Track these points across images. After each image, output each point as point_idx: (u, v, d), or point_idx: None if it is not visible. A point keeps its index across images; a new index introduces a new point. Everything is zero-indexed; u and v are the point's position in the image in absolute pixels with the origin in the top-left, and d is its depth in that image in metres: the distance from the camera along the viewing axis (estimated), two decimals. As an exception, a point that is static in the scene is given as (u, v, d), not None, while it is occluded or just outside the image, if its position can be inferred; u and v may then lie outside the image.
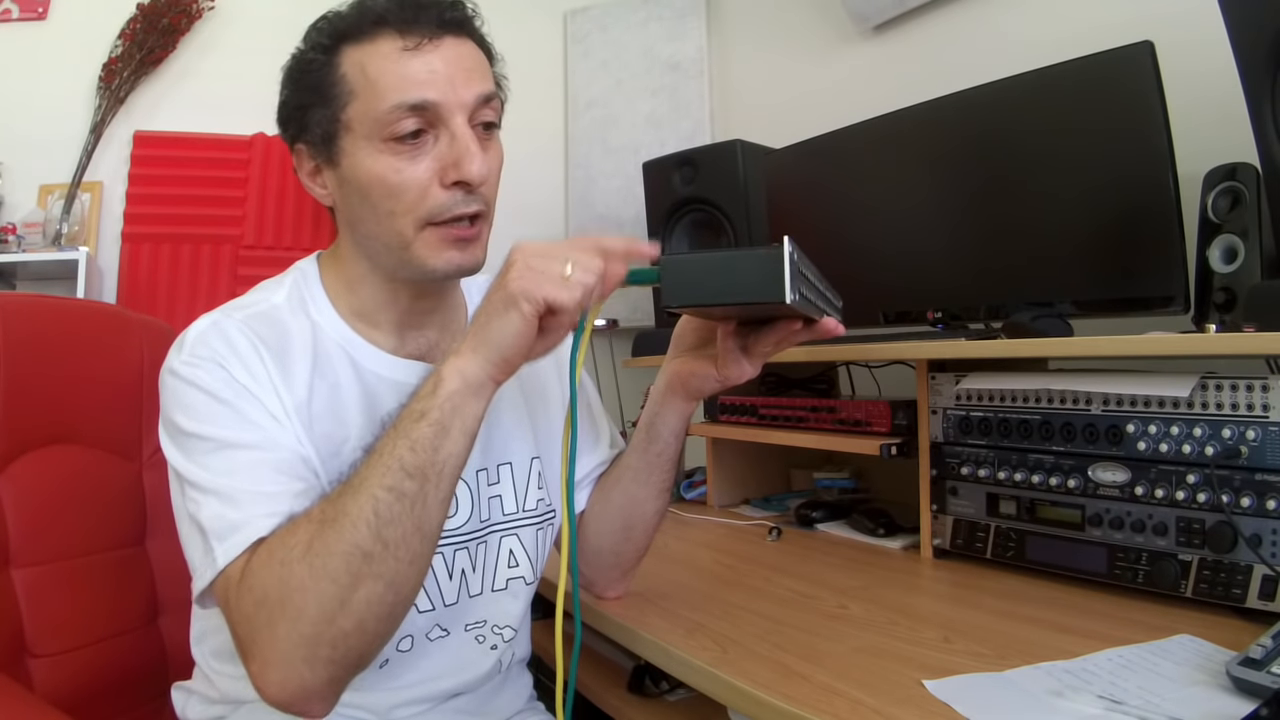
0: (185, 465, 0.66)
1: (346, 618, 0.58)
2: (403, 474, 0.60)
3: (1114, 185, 1.05)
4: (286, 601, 0.58)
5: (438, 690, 0.79)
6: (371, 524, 0.59)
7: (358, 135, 0.71)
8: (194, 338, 0.70)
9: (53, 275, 1.90)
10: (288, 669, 0.58)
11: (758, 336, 0.75)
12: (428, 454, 0.61)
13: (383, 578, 0.59)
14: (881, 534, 1.23)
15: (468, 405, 0.62)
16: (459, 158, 0.70)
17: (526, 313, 0.61)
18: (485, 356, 0.62)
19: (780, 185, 1.57)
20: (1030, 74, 1.13)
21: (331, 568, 0.58)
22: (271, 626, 0.58)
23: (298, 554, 0.59)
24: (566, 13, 2.42)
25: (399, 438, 0.61)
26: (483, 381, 0.63)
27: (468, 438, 0.63)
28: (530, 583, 0.86)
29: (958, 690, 0.65)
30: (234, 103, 2.10)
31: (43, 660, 0.87)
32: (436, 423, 0.61)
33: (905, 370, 1.34)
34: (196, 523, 0.65)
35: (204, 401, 0.67)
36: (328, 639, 0.58)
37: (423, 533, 0.61)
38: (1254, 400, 0.81)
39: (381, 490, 0.59)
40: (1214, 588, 0.82)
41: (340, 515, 0.59)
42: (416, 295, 0.79)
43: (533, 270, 0.61)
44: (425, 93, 0.69)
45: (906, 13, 1.71)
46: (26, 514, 0.89)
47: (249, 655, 0.60)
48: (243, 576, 0.61)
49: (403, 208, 0.71)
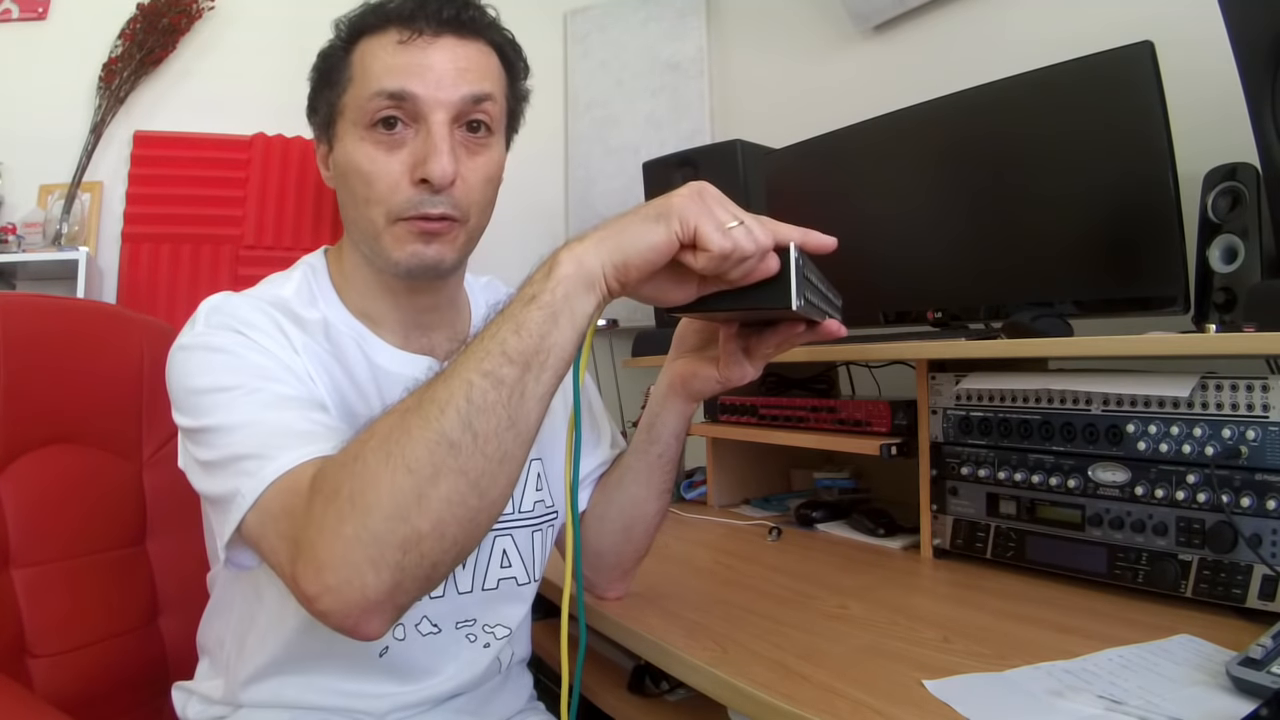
0: (206, 418, 0.64)
1: (423, 516, 0.52)
2: (504, 358, 0.54)
3: (1114, 185, 1.05)
4: (357, 495, 0.52)
5: (437, 691, 0.79)
6: (462, 411, 0.53)
7: (347, 120, 0.73)
8: (206, 311, 0.70)
9: (53, 275, 1.90)
10: (348, 570, 0.52)
11: (760, 338, 0.75)
12: (534, 340, 0.55)
13: (467, 474, 0.53)
14: (881, 534, 1.23)
15: (579, 296, 0.57)
16: (427, 156, 0.70)
17: (674, 229, 0.57)
18: (608, 250, 0.57)
19: (780, 185, 1.57)
20: (1031, 74, 1.13)
21: (411, 456, 0.52)
22: (339, 526, 0.52)
23: (375, 444, 0.53)
24: (566, 13, 2.42)
25: (505, 322, 0.55)
26: (597, 276, 0.57)
27: (576, 333, 0.57)
28: (524, 584, 0.86)
29: (958, 690, 0.65)
30: (234, 103, 2.11)
31: (43, 660, 0.87)
32: (547, 306, 0.56)
33: (905, 370, 1.34)
34: (227, 459, 0.61)
35: (220, 359, 0.66)
36: (399, 539, 0.52)
37: (517, 429, 0.55)
38: (1254, 400, 0.81)
39: (478, 375, 0.53)
40: (1214, 588, 0.82)
41: (427, 401, 0.54)
42: (408, 291, 0.78)
43: (701, 202, 0.58)
44: (404, 83, 0.69)
45: (906, 13, 1.71)
46: (26, 514, 0.89)
47: (304, 558, 0.53)
48: (313, 479, 0.56)
49: (375, 197, 0.71)
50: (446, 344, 0.82)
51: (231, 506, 0.60)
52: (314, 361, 0.72)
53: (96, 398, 0.99)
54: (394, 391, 0.75)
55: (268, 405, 0.64)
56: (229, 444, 0.62)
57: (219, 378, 0.65)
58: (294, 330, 0.72)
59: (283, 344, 0.70)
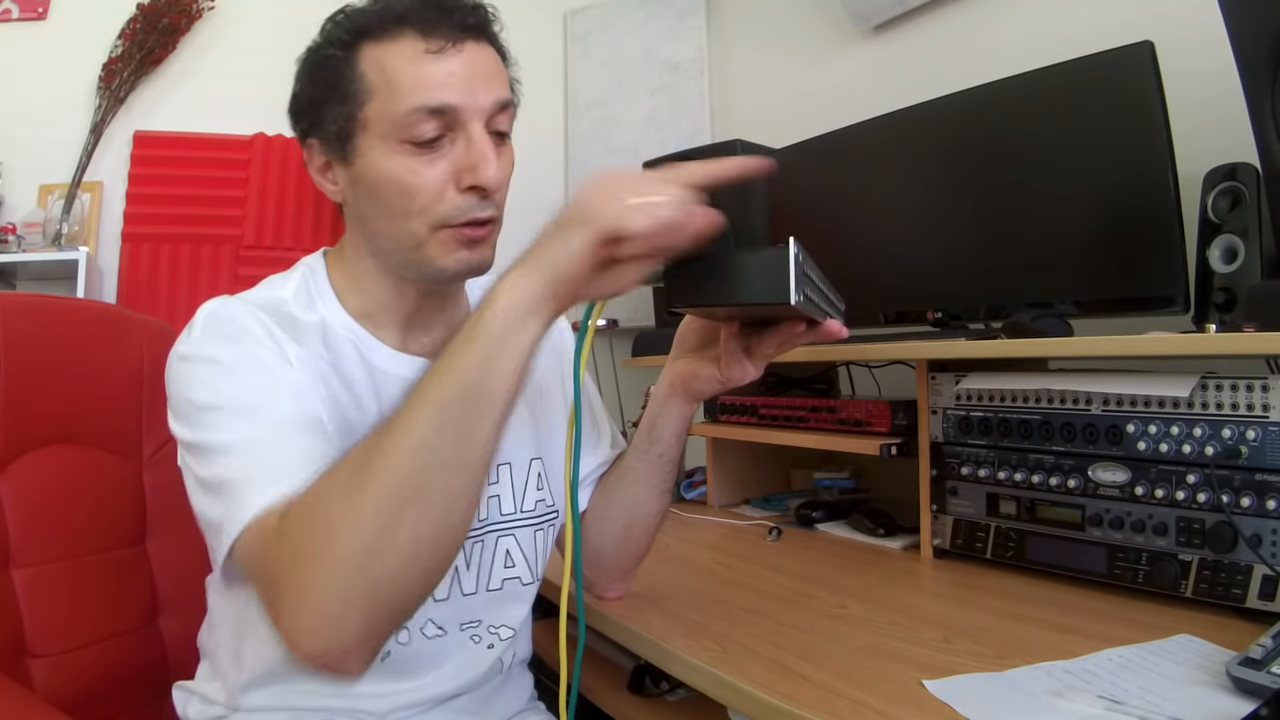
0: (203, 435, 0.65)
1: (390, 553, 0.54)
2: (452, 395, 0.56)
3: (1114, 185, 1.05)
4: (324, 540, 0.54)
5: (438, 691, 0.79)
6: (417, 450, 0.55)
7: (374, 134, 0.70)
8: (203, 319, 0.70)
9: (53, 275, 1.90)
10: (323, 612, 0.54)
11: (761, 338, 0.75)
12: (477, 373, 0.56)
13: (429, 513, 0.55)
14: (881, 534, 1.23)
15: (521, 324, 0.58)
16: (476, 163, 0.70)
17: (590, 235, 0.57)
18: (542, 276, 0.58)
19: (780, 185, 1.57)
20: (1030, 74, 1.13)
21: (373, 498, 0.54)
22: (311, 567, 0.54)
23: (336, 492, 0.56)
24: (566, 13, 2.42)
25: (450, 361, 0.57)
26: (537, 301, 0.58)
27: (521, 358, 0.58)
28: (528, 584, 0.86)
29: (958, 690, 0.65)
30: (234, 103, 2.10)
31: (43, 660, 0.87)
32: (492, 338, 0.57)
33: (905, 370, 1.34)
34: (217, 483, 0.63)
35: (217, 373, 0.67)
36: (370, 580, 0.54)
37: (472, 462, 0.57)
38: (1254, 400, 0.82)
39: (429, 413, 0.55)
40: (1214, 588, 0.82)
41: (382, 443, 0.55)
42: (423, 294, 0.78)
43: (604, 192, 0.58)
44: (445, 96, 0.68)
45: (906, 13, 1.71)
46: (26, 514, 0.89)
47: (280, 604, 0.56)
48: (278, 528, 0.58)
49: (417, 208, 0.70)
50: (443, 341, 0.82)
51: (219, 536, 0.63)
52: (309, 372, 0.72)
53: (96, 398, 0.99)
54: (392, 393, 0.75)
55: (258, 430, 0.64)
56: (218, 468, 0.63)
57: (214, 395, 0.66)
58: (289, 342, 0.71)
59: (278, 356, 0.70)
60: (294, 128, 0.77)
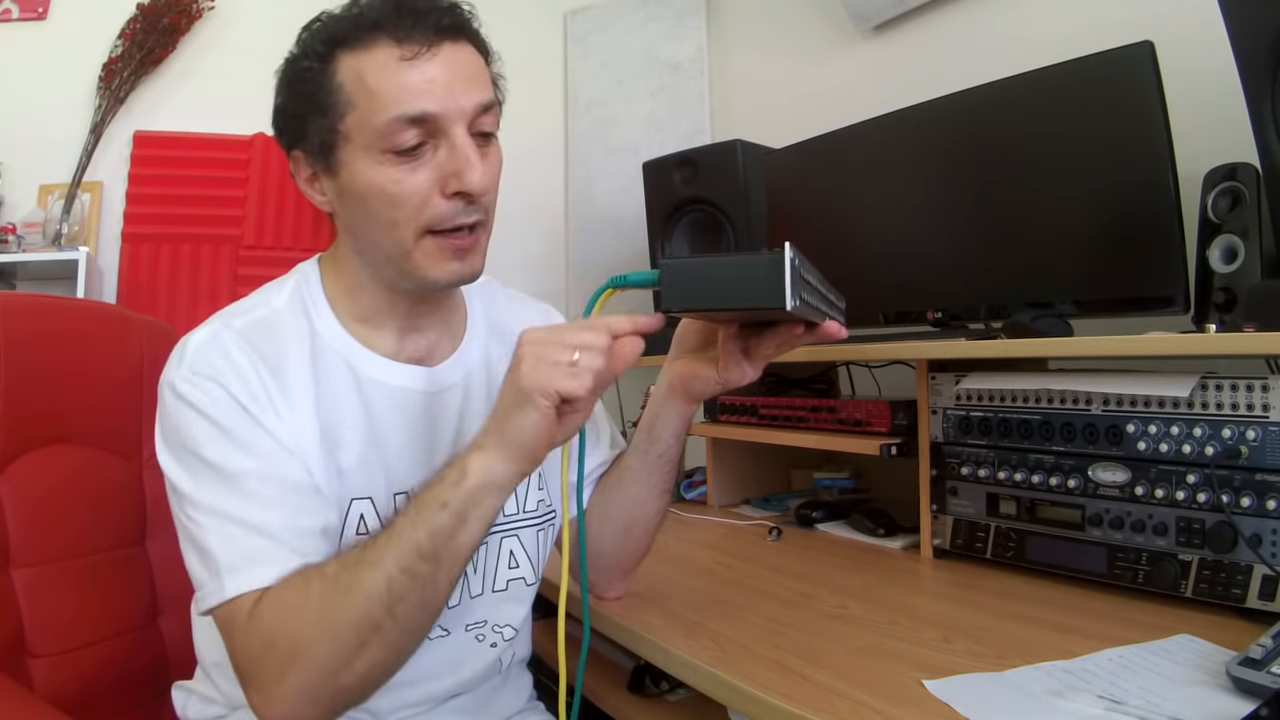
0: (188, 485, 0.68)
1: (349, 674, 0.62)
2: (418, 557, 0.62)
3: (1114, 185, 1.05)
4: (296, 654, 0.62)
5: (437, 690, 0.79)
6: (384, 599, 0.62)
7: (356, 146, 0.69)
8: (193, 351, 0.70)
9: (53, 275, 1.90)
10: (290, 704, 0.62)
11: (759, 339, 0.75)
12: (443, 540, 0.63)
13: (386, 646, 0.63)
14: (881, 534, 1.23)
15: (489, 499, 0.65)
16: (460, 168, 0.69)
17: (543, 407, 0.62)
18: (509, 454, 0.64)
19: (780, 185, 1.57)
20: (1030, 74, 1.13)
21: (341, 633, 0.62)
22: (280, 672, 0.62)
23: (311, 614, 0.62)
24: (566, 13, 2.42)
25: (419, 522, 0.63)
26: (509, 478, 0.65)
27: (484, 527, 0.65)
28: (531, 584, 0.86)
29: (958, 690, 0.65)
30: (234, 103, 2.10)
31: (43, 660, 0.87)
32: (456, 514, 0.63)
33: (905, 370, 1.34)
34: (200, 545, 0.67)
35: (205, 426, 0.68)
36: (330, 690, 0.63)
37: (429, 609, 0.65)
38: (1254, 400, 0.81)
39: (396, 570, 0.62)
40: (1214, 588, 0.82)
41: (355, 585, 0.62)
42: (416, 300, 0.78)
43: (542, 362, 0.63)
44: (424, 104, 0.68)
45: (906, 13, 1.71)
46: (26, 514, 0.89)
47: (252, 687, 0.63)
48: (250, 617, 0.63)
49: (403, 217, 0.70)
50: (439, 343, 0.82)
51: (199, 592, 0.67)
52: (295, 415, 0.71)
53: (96, 398, 0.99)
54: (382, 406, 0.76)
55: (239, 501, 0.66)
56: (203, 529, 0.67)
57: (201, 448, 0.67)
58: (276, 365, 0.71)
59: (266, 407, 0.69)
60: (278, 140, 0.77)
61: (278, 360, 0.72)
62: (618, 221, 2.27)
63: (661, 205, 1.83)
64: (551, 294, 2.30)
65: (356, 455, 0.74)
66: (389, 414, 0.77)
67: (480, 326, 0.87)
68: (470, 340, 0.85)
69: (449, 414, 0.81)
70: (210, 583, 0.65)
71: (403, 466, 0.77)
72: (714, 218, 1.74)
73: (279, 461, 0.68)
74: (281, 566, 0.65)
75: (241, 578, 0.64)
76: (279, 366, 0.72)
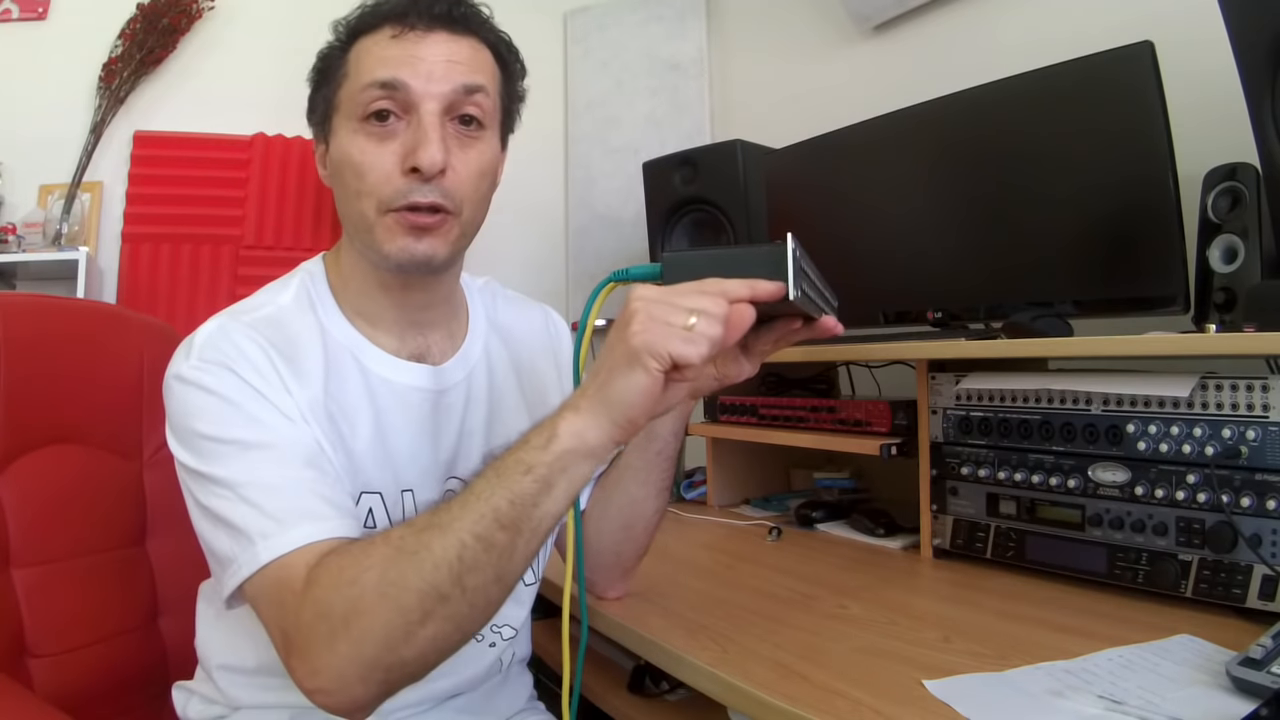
0: (205, 466, 0.66)
1: (409, 649, 0.57)
2: (495, 524, 0.57)
3: (1114, 185, 1.05)
4: (351, 623, 0.57)
5: (437, 689, 0.79)
6: (454, 568, 0.57)
7: (342, 115, 0.74)
8: (201, 342, 0.70)
9: (53, 275, 1.90)
10: (341, 683, 0.57)
11: (757, 335, 0.75)
12: (525, 509, 0.58)
13: (452, 619, 0.58)
14: (881, 534, 1.23)
15: (579, 467, 0.59)
16: (417, 144, 0.70)
17: (653, 370, 0.56)
18: (609, 418, 0.58)
19: (780, 185, 1.57)
20: (1030, 74, 1.13)
21: (404, 601, 0.56)
22: (332, 642, 0.57)
23: (371, 579, 0.57)
24: (566, 13, 2.42)
25: (499, 486, 0.58)
26: (603, 444, 0.59)
27: (571, 498, 0.60)
28: (530, 584, 0.86)
29: (958, 690, 0.65)
30: (234, 103, 2.11)
31: (43, 660, 0.87)
32: (542, 479, 0.58)
33: (905, 370, 1.34)
34: (224, 520, 0.64)
35: (215, 404, 0.67)
36: (385, 664, 0.58)
37: (503, 583, 0.60)
38: (1254, 400, 0.81)
39: (470, 536, 0.57)
40: (1214, 588, 0.82)
41: (422, 550, 0.57)
42: (403, 288, 0.78)
43: (656, 322, 0.57)
44: (396, 72, 0.70)
45: (906, 13, 1.71)
46: (27, 514, 0.89)
47: (298, 657, 0.59)
48: (306, 585, 0.59)
49: (366, 188, 0.72)
50: (440, 342, 0.82)
51: (227, 572, 0.64)
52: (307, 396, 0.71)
53: (97, 398, 0.99)
54: (390, 402, 0.76)
55: (262, 470, 0.65)
56: (224, 503, 0.64)
57: (217, 427, 0.66)
58: (287, 370, 0.71)
59: (276, 386, 0.69)
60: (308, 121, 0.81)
61: (289, 349, 0.72)
62: (618, 221, 2.27)
63: (661, 205, 1.83)
64: (551, 294, 2.30)
65: (366, 447, 0.74)
66: (396, 411, 0.77)
67: (481, 326, 0.87)
68: (472, 340, 0.85)
69: (453, 413, 0.81)
70: (242, 554, 0.62)
71: (408, 464, 0.77)
72: (714, 218, 1.74)
73: (295, 434, 0.68)
74: (324, 525, 0.62)
75: (276, 540, 0.61)
76: (290, 353, 0.72)
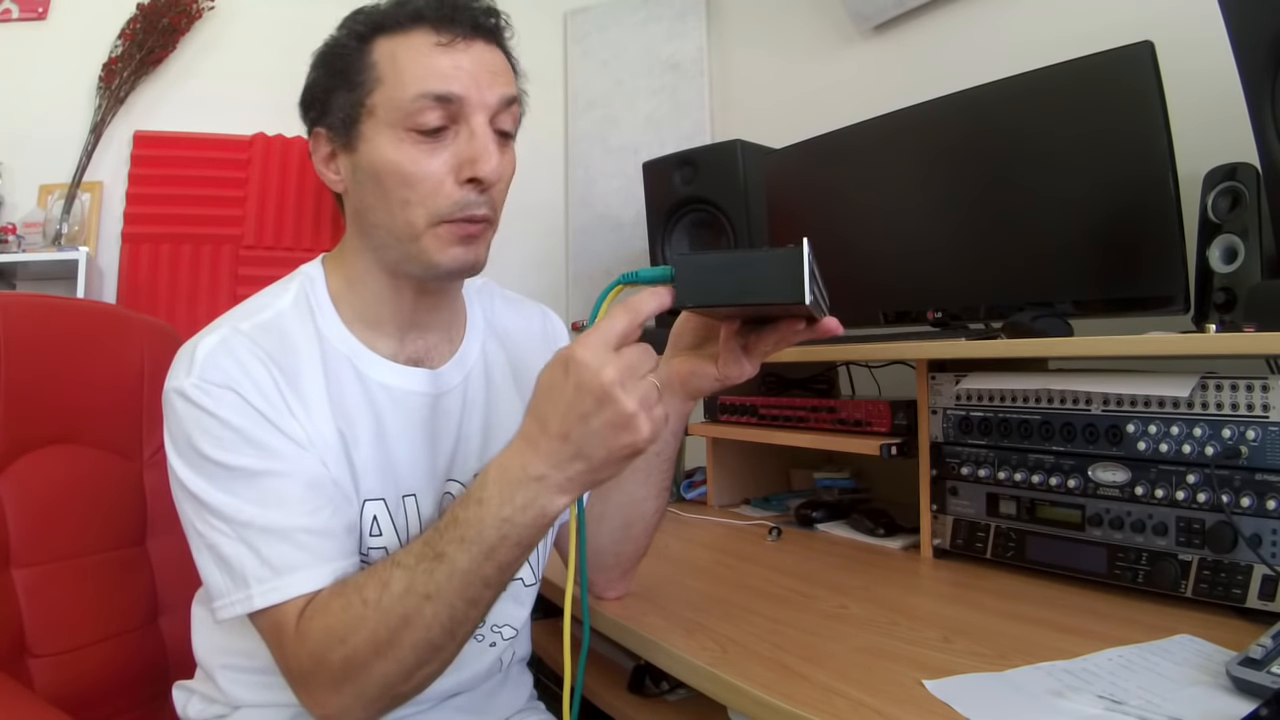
0: (205, 491, 0.67)
1: (409, 685, 0.65)
2: (484, 588, 0.63)
3: (1114, 185, 1.05)
4: (351, 676, 0.63)
5: (436, 689, 0.79)
6: (446, 626, 0.63)
7: (380, 121, 0.71)
8: (204, 357, 0.69)
9: (53, 275, 1.90)
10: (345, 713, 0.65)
11: (759, 336, 0.75)
12: (510, 571, 0.64)
13: (446, 660, 0.66)
14: (881, 534, 1.23)
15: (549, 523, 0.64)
16: (476, 155, 0.70)
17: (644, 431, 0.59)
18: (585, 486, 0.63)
19: (780, 185, 1.57)
20: (1030, 74, 1.13)
21: (400, 656, 0.63)
22: (335, 685, 0.63)
23: (364, 638, 0.62)
24: (566, 13, 2.42)
25: (487, 559, 0.62)
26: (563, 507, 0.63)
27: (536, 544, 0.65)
28: (530, 584, 0.86)
29: (958, 690, 0.65)
30: (234, 103, 2.11)
31: (43, 660, 0.87)
32: (527, 545, 0.63)
33: (905, 370, 1.34)
34: (221, 554, 0.66)
35: (218, 428, 0.67)
36: (388, 698, 0.65)
37: (479, 615, 0.66)
38: (1254, 400, 0.81)
39: (461, 601, 0.63)
40: (1214, 588, 0.82)
41: (415, 617, 0.62)
42: (418, 292, 0.78)
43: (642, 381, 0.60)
44: (451, 86, 0.70)
45: (906, 13, 1.71)
46: (27, 514, 0.89)
47: (303, 692, 0.65)
48: (298, 635, 0.64)
49: (416, 198, 0.71)
50: (438, 344, 0.82)
51: (216, 602, 0.67)
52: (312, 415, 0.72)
53: (97, 398, 0.99)
54: (389, 407, 0.77)
55: (262, 505, 0.66)
56: (223, 539, 0.67)
57: (218, 451, 0.67)
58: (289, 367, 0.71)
59: (280, 408, 0.70)
60: (304, 118, 0.78)
61: (289, 362, 0.72)
62: (618, 221, 2.27)
63: (661, 205, 1.83)
64: (551, 294, 2.30)
65: (368, 455, 0.74)
66: (395, 416, 0.77)
67: (479, 328, 0.87)
68: (469, 342, 0.85)
69: (451, 417, 0.81)
70: (235, 592, 0.66)
71: (408, 469, 0.77)
72: (714, 218, 1.74)
73: (298, 460, 0.68)
74: (315, 574, 0.66)
75: (270, 588, 0.65)
76: (291, 368, 0.72)
